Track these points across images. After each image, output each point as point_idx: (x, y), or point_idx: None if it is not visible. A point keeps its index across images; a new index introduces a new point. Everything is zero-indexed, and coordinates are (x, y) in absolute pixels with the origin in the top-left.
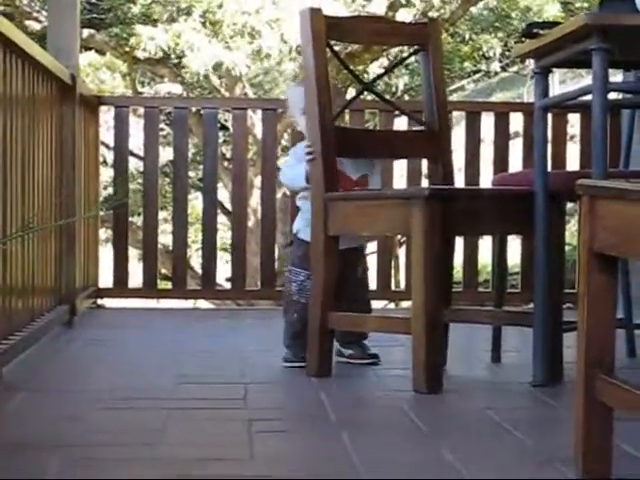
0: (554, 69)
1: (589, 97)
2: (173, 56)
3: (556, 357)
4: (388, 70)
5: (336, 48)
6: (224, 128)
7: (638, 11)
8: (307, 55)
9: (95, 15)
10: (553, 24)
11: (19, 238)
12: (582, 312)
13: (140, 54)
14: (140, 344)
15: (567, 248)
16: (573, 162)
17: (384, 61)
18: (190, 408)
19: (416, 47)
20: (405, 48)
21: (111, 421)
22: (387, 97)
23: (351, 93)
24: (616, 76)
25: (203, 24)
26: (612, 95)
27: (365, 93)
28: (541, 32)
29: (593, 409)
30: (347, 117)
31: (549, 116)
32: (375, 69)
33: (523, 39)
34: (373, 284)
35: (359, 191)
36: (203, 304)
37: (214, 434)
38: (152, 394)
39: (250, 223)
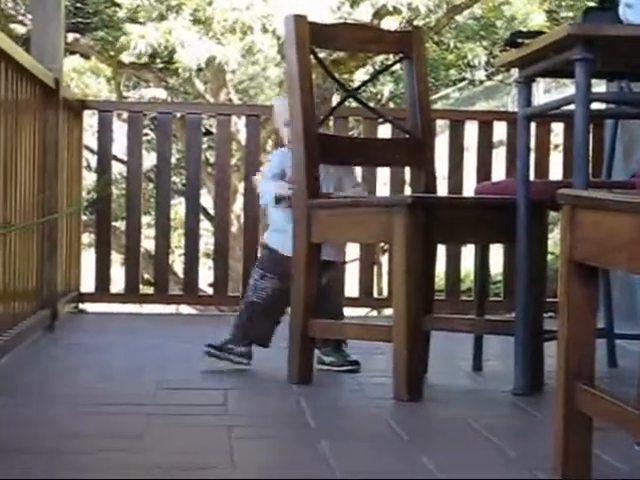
0: (538, 78)
1: (572, 107)
2: (165, 53)
3: (537, 366)
4: (372, 77)
5: (321, 55)
6: (209, 133)
7: (621, 22)
8: (291, 61)
9: (80, 19)
10: (537, 34)
11: (0, 241)
12: (562, 322)
13: (125, 58)
14: (121, 349)
15: (550, 257)
16: (557, 171)
17: (369, 68)
18: (170, 414)
19: (400, 55)
20: (390, 56)
21: (91, 426)
22: (372, 104)
23: (336, 100)
24: (600, 86)
25: (193, 22)
26: (595, 105)
27: (349, 100)
28: (525, 41)
29: (573, 418)
30: (331, 124)
31: (533, 125)
32: (360, 76)
33: (507, 48)
34: (355, 291)
35: (342, 199)
36: (186, 309)
37: (194, 440)
38: (132, 399)
39: (234, 229)
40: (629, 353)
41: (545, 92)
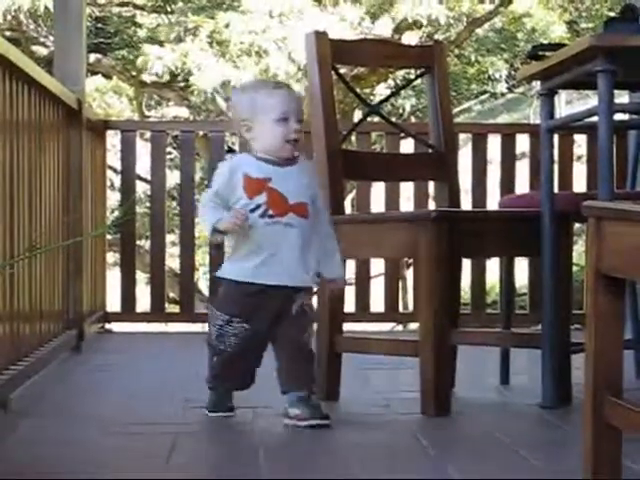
0: (560, 90)
1: (595, 118)
2: (180, 76)
3: (565, 379)
4: (394, 93)
5: (342, 71)
6: (232, 151)
7: None
8: (313, 78)
9: (102, 39)
10: (558, 46)
11: (26, 263)
12: (589, 334)
13: (147, 78)
14: (148, 369)
15: (575, 269)
16: (580, 182)
17: (390, 83)
18: (197, 432)
19: (422, 69)
20: (411, 70)
21: (118, 447)
22: (394, 119)
23: (357, 115)
24: (623, 97)
25: (210, 44)
26: (619, 116)
27: (371, 115)
28: (546, 54)
29: (602, 431)
30: (353, 139)
31: (555, 137)
32: (381, 91)
33: (529, 61)
34: (380, 306)
35: (366, 214)
36: None
37: (221, 459)
38: (159, 419)
39: None
40: None
41: (567, 103)
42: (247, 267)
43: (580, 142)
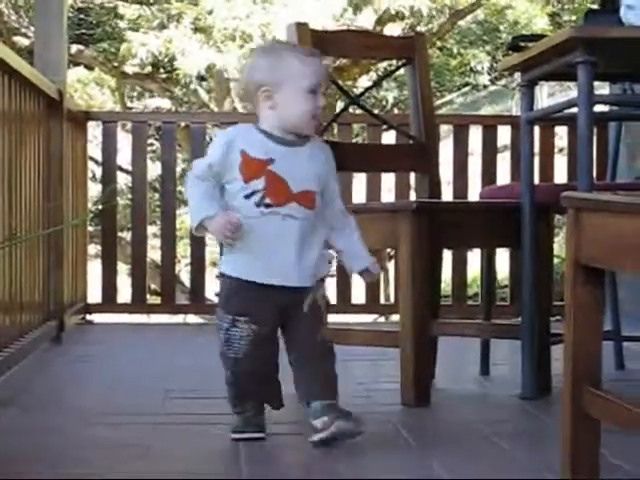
0: (542, 82)
1: (575, 110)
2: (164, 62)
3: (544, 369)
4: (375, 84)
5: (324, 62)
6: None
7: (623, 24)
8: None
9: (84, 30)
10: (539, 37)
11: (6, 253)
12: (568, 325)
13: (129, 69)
14: (129, 360)
15: (556, 261)
16: (562, 174)
17: (372, 75)
18: (178, 423)
19: (403, 61)
20: (393, 62)
21: (98, 437)
22: (376, 110)
23: (339, 106)
24: (603, 88)
25: (194, 30)
26: (599, 107)
27: (353, 107)
28: (527, 45)
29: (580, 422)
30: (335, 130)
31: (537, 129)
32: (364, 83)
33: (510, 52)
34: (362, 298)
35: (346, 205)
36: (193, 319)
37: (201, 450)
38: (141, 409)
39: None
40: (636, 355)
41: (549, 95)
42: (241, 262)
43: (561, 134)
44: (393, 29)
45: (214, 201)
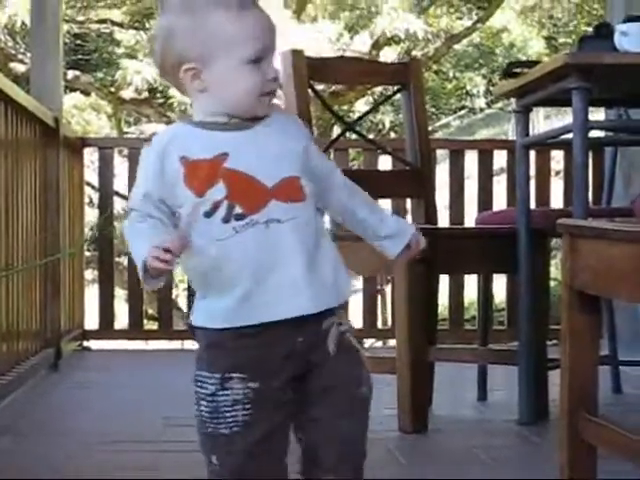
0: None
1: (570, 135)
2: (159, 90)
3: (542, 395)
4: (370, 110)
5: (320, 87)
6: None
7: (617, 50)
8: (289, 96)
9: (80, 56)
10: (533, 63)
11: (3, 281)
12: (564, 351)
13: (125, 94)
14: (127, 386)
15: (553, 283)
16: (558, 197)
17: (369, 99)
18: (177, 451)
19: (398, 86)
20: (389, 86)
21: (97, 464)
22: (373, 135)
23: (337, 131)
24: (599, 113)
25: None
26: (595, 132)
27: (349, 132)
28: (522, 71)
29: (577, 448)
30: (332, 156)
31: (533, 152)
32: (360, 107)
33: (505, 77)
34: (359, 322)
35: (344, 231)
36: (190, 344)
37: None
38: (139, 437)
39: None
40: (633, 379)
41: (546, 118)
42: (222, 307)
43: (558, 157)
44: (389, 53)
45: (152, 230)
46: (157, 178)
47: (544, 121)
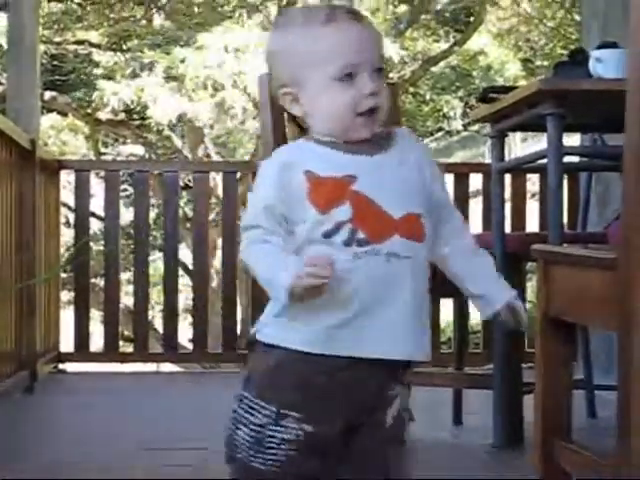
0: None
1: (545, 160)
2: (136, 111)
3: (516, 419)
4: None
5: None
6: (188, 187)
7: (591, 76)
8: (265, 120)
9: (57, 77)
10: (508, 89)
11: None
12: (538, 377)
13: (102, 115)
14: (102, 409)
15: (529, 306)
16: (535, 219)
17: None
18: (151, 475)
19: None
20: None
21: None
22: None
23: None
24: (573, 138)
25: (166, 79)
26: (571, 157)
27: None
28: (497, 96)
29: (551, 473)
30: None
31: (509, 175)
32: None
33: (481, 103)
34: None
35: None
36: (167, 366)
37: None
38: (113, 461)
39: (214, 284)
40: (609, 403)
41: (522, 141)
42: (321, 329)
43: (534, 179)
44: None
45: (283, 252)
46: (279, 191)
47: (521, 144)
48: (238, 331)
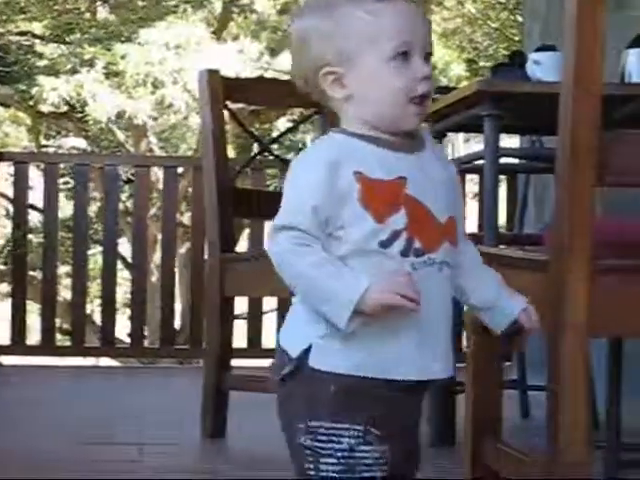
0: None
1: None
2: (77, 106)
3: (449, 418)
4: (287, 131)
5: (240, 105)
6: (130, 181)
7: (529, 78)
8: (205, 117)
9: (1, 68)
10: (448, 89)
11: None
12: (468, 377)
13: (45, 108)
14: (37, 404)
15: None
16: (474, 219)
17: (290, 118)
18: (87, 470)
19: (314, 109)
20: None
21: None
22: (294, 154)
23: (256, 149)
24: (513, 140)
25: (106, 75)
26: (509, 159)
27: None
28: (437, 97)
29: (480, 472)
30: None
31: None
32: (281, 126)
33: None
34: (272, 341)
35: (256, 252)
36: (105, 360)
37: None
38: (47, 456)
39: (154, 278)
40: (542, 403)
41: (465, 142)
42: (388, 353)
43: (476, 179)
44: None
45: (338, 262)
46: (327, 191)
47: (464, 144)
48: (177, 326)
